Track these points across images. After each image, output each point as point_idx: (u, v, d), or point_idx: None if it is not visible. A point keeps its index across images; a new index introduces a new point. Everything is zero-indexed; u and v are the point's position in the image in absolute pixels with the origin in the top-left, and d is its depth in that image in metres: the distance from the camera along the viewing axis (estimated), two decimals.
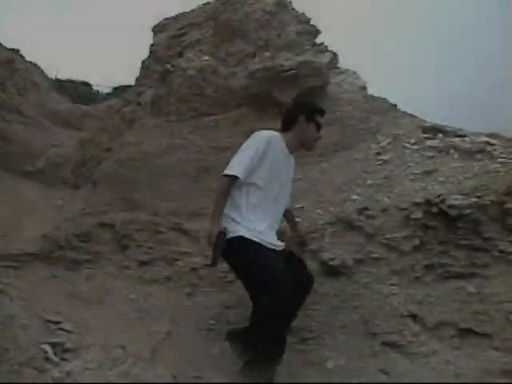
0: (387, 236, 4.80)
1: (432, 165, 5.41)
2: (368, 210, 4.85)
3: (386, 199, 4.92)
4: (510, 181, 5.00)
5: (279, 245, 4.11)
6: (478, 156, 5.59)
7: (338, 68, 8.00)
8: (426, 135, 6.00)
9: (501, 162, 5.33)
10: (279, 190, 4.18)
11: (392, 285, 4.76)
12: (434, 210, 4.83)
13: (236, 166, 3.97)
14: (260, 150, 3.99)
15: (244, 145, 4.10)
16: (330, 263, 4.72)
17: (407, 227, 4.84)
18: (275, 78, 6.83)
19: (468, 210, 4.79)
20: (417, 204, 4.86)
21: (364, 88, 7.49)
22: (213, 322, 4.75)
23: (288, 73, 6.81)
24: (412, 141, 5.90)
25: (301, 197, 5.37)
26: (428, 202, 4.85)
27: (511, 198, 4.92)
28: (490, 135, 6.27)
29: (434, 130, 6.20)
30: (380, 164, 5.57)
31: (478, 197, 4.86)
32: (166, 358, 4.24)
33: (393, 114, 6.86)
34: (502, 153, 5.58)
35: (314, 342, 4.53)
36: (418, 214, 4.83)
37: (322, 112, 4.39)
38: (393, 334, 4.62)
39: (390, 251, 4.76)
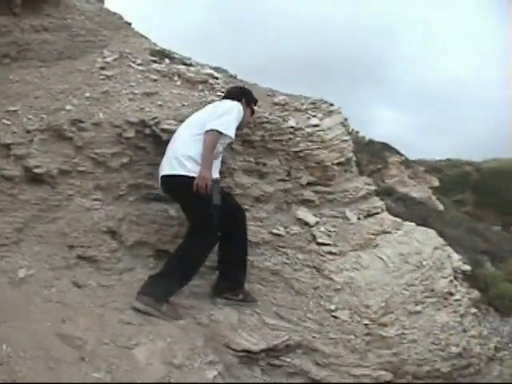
0: (96, 151, 4.75)
1: (153, 88, 5.44)
2: (81, 122, 4.74)
3: (101, 114, 4.84)
4: None
5: None
6: (200, 86, 5.74)
7: None
8: (153, 58, 6.01)
9: (219, 96, 5.53)
10: None
11: (95, 200, 4.77)
12: (147, 131, 4.91)
13: (231, 128, 4.60)
14: (240, 119, 4.75)
15: (227, 108, 4.71)
16: (35, 170, 4.54)
17: (118, 144, 4.85)
18: None
19: None
20: (131, 123, 4.87)
21: (101, 1, 7.25)
22: None
23: None
24: (138, 61, 5.86)
25: (15, 100, 5.07)
26: (142, 123, 4.90)
27: None
28: (215, 69, 6.47)
29: (162, 55, 6.23)
30: (102, 79, 5.43)
31: None
32: None
33: (124, 32, 6.75)
34: (222, 87, 5.79)
35: (8, 249, 4.39)
36: (131, 133, 4.85)
37: (256, 102, 5.23)
38: (90, 248, 4.67)
39: (97, 166, 4.74)
